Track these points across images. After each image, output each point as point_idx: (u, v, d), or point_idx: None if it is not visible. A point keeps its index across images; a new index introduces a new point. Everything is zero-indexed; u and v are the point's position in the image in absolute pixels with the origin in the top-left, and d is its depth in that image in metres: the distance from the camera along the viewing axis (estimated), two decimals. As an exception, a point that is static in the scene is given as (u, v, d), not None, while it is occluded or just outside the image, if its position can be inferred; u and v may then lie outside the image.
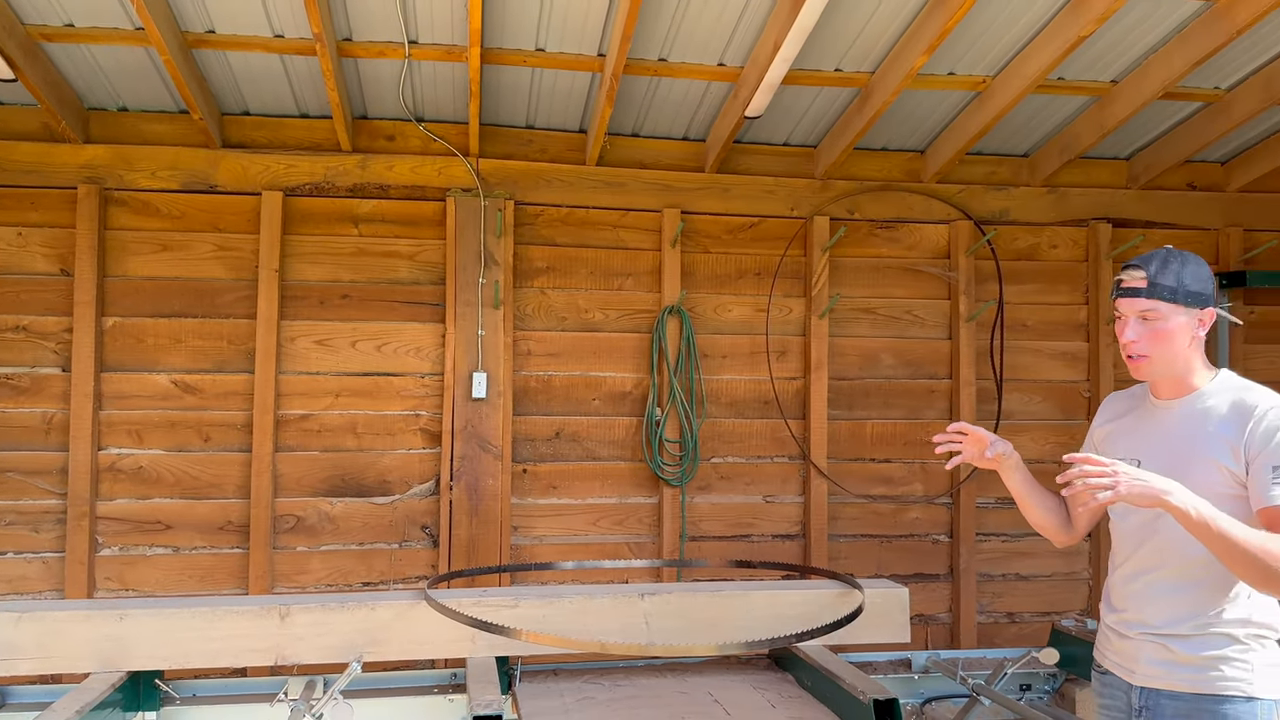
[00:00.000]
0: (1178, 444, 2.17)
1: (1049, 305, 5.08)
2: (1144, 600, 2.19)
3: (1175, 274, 2.14)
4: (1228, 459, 2.08)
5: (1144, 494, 1.94)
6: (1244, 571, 1.95)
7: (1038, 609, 5.01)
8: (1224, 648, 2.09)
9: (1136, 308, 2.16)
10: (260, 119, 4.51)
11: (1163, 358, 2.18)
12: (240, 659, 3.10)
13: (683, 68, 4.13)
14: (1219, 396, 2.17)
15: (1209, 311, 2.17)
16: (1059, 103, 4.50)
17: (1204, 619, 2.11)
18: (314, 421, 4.50)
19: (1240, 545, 1.92)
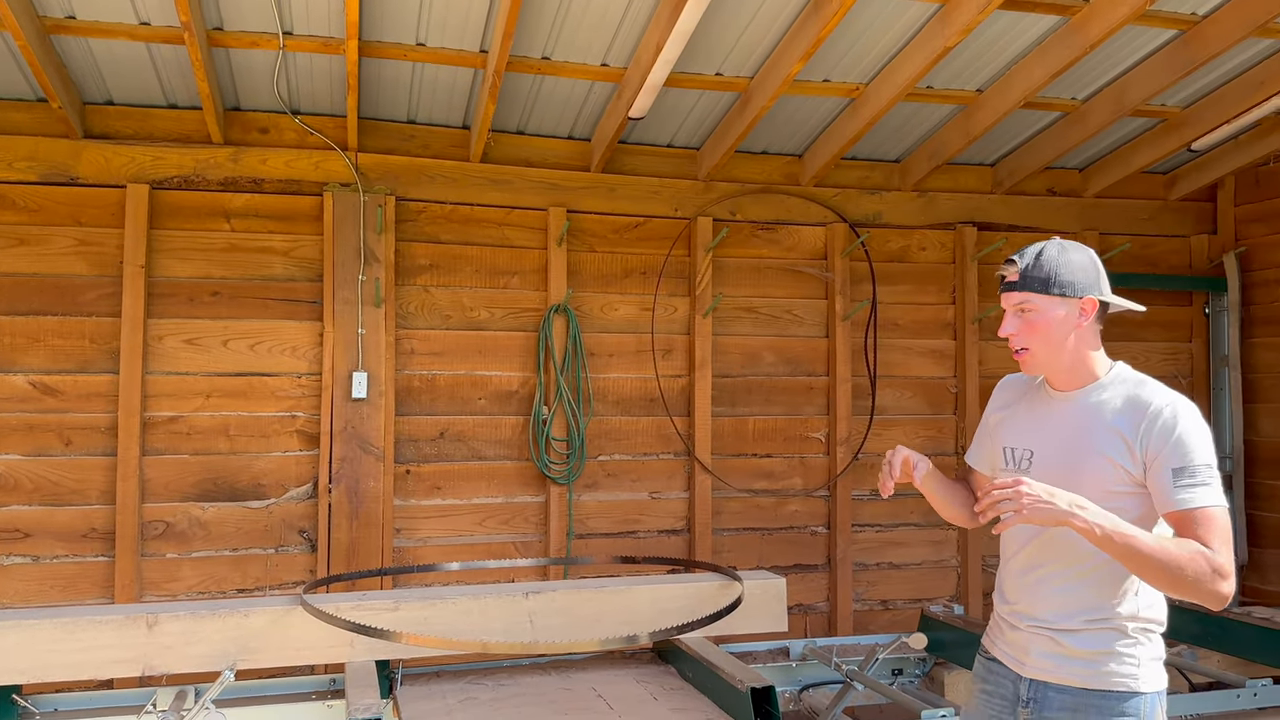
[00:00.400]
0: (1071, 438, 2.13)
1: (919, 305, 5.29)
2: (1036, 594, 2.17)
3: (1049, 265, 2.10)
4: (1122, 456, 2.05)
5: (1049, 515, 1.93)
6: (1153, 579, 1.96)
7: (910, 595, 5.21)
8: (1113, 643, 2.08)
9: (1012, 301, 2.14)
10: (125, 109, 4.32)
11: (1045, 350, 2.13)
12: (104, 670, 2.98)
13: (566, 67, 4.14)
14: (1113, 390, 2.13)
15: (1089, 300, 2.11)
16: (928, 110, 4.68)
17: (1094, 614, 2.09)
18: (184, 424, 4.34)
19: (1146, 555, 1.91)
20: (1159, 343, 5.62)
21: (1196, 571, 1.90)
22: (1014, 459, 2.23)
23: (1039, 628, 2.15)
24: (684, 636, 3.25)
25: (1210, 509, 1.96)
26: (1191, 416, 2.03)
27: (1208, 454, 2.00)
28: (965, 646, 3.81)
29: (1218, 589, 1.92)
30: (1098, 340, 2.17)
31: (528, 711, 3.08)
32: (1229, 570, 1.93)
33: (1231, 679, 3.54)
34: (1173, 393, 2.09)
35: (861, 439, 5.12)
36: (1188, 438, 2.00)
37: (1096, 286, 2.13)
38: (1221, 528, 1.95)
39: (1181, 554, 1.91)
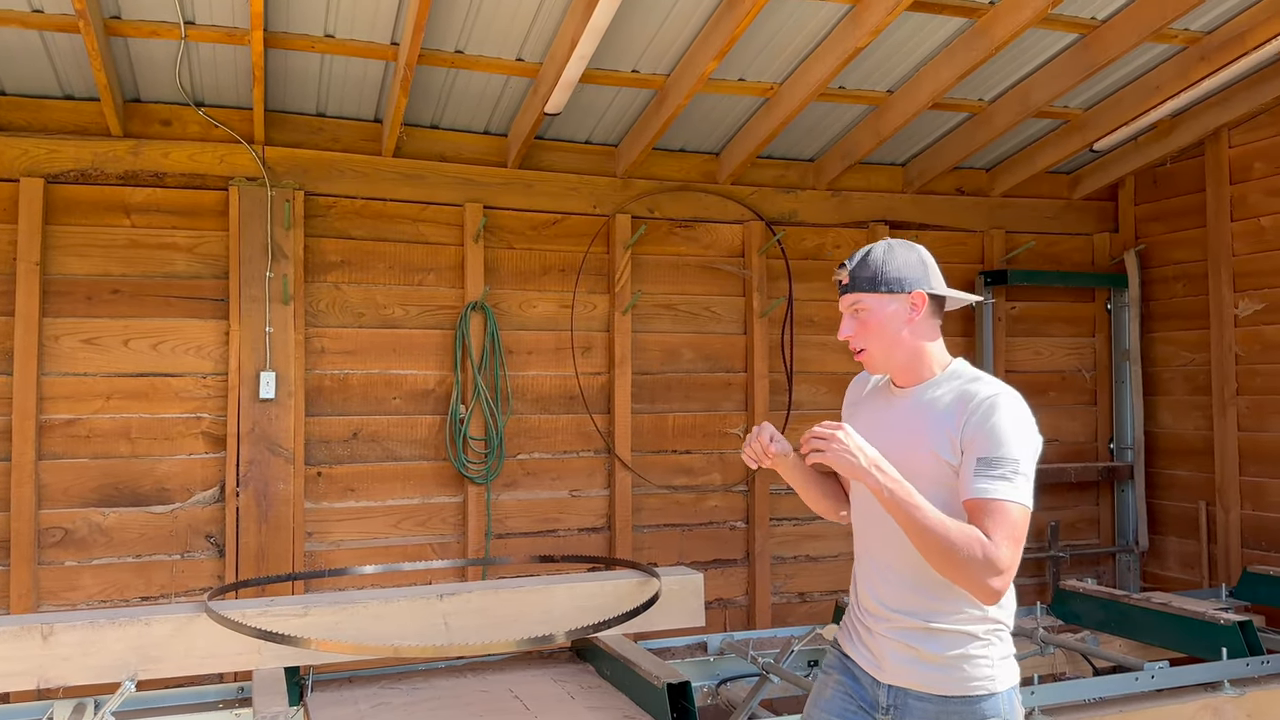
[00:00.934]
0: (902, 433, 2.12)
1: (833, 302, 5.32)
2: (889, 597, 2.15)
3: (875, 264, 2.12)
4: (945, 451, 2.04)
5: (846, 464, 1.93)
6: (930, 556, 1.93)
7: (826, 588, 5.29)
8: (966, 646, 2.07)
9: (846, 303, 2.16)
10: (18, 99, 4.14)
11: (881, 348, 2.14)
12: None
13: (480, 61, 4.09)
14: (947, 386, 2.13)
15: (917, 295, 2.11)
16: (840, 110, 4.75)
17: (946, 617, 2.07)
18: (82, 426, 4.18)
19: (924, 526, 1.90)
20: (1063, 338, 5.80)
21: (968, 556, 1.88)
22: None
23: (894, 631, 2.13)
24: (602, 634, 3.23)
25: (1004, 502, 1.93)
26: (1010, 409, 2.01)
27: (1019, 449, 1.97)
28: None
29: (985, 580, 1.90)
30: (935, 334, 2.18)
31: (443, 715, 3.03)
32: (1004, 566, 1.90)
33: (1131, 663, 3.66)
34: (1001, 386, 2.08)
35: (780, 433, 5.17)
36: (1000, 429, 1.98)
37: (925, 281, 2.14)
38: (1010, 523, 1.92)
39: (959, 535, 1.89)
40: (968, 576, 1.91)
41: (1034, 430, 2.04)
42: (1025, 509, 1.96)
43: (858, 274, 2.13)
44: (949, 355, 2.20)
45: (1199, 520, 5.40)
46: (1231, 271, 5.22)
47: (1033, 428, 2.04)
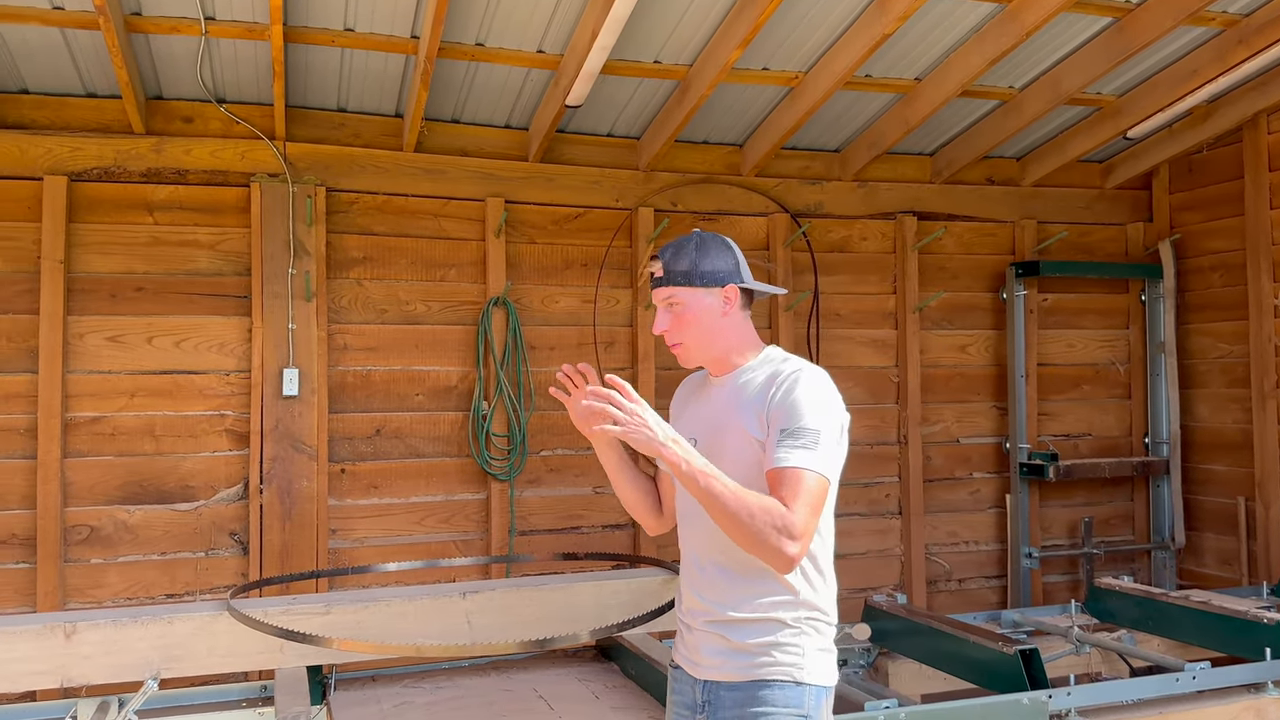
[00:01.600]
0: (718, 418, 2.14)
1: (860, 295, 5.29)
2: (706, 589, 2.12)
3: (690, 258, 2.13)
4: (754, 428, 2.05)
5: (644, 441, 1.90)
6: (727, 527, 1.91)
7: (855, 585, 5.21)
8: (776, 633, 2.03)
9: (660, 296, 2.17)
10: (41, 98, 4.14)
11: (697, 341, 2.16)
12: (19, 683, 2.84)
13: (501, 53, 4.05)
14: (759, 370, 2.14)
15: (730, 288, 2.13)
16: (867, 99, 4.67)
17: (757, 604, 2.04)
18: (107, 424, 4.18)
19: (720, 497, 1.88)
20: (1097, 330, 5.69)
21: (764, 523, 1.87)
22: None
23: (709, 624, 2.11)
24: (627, 633, 3.18)
25: (801, 470, 1.93)
26: (811, 382, 2.04)
27: (819, 420, 1.98)
28: (909, 636, 3.81)
29: (781, 546, 1.88)
30: (748, 325, 2.21)
31: (466, 714, 3.00)
32: (798, 531, 1.89)
33: (1170, 663, 3.57)
34: (805, 363, 2.12)
35: (806, 430, 5.10)
36: (800, 401, 2.00)
37: (737, 274, 2.16)
38: (807, 490, 1.92)
39: (754, 503, 1.89)
40: (763, 542, 1.88)
41: (837, 404, 2.06)
42: (823, 479, 1.96)
43: (672, 268, 2.14)
44: (762, 343, 2.23)
45: (1238, 516, 5.27)
46: (1271, 261, 5.08)
47: (835, 401, 2.06)
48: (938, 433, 5.38)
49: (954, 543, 5.42)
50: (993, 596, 5.49)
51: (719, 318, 2.14)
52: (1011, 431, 5.40)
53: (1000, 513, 5.50)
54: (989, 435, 5.49)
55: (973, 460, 5.46)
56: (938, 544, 5.37)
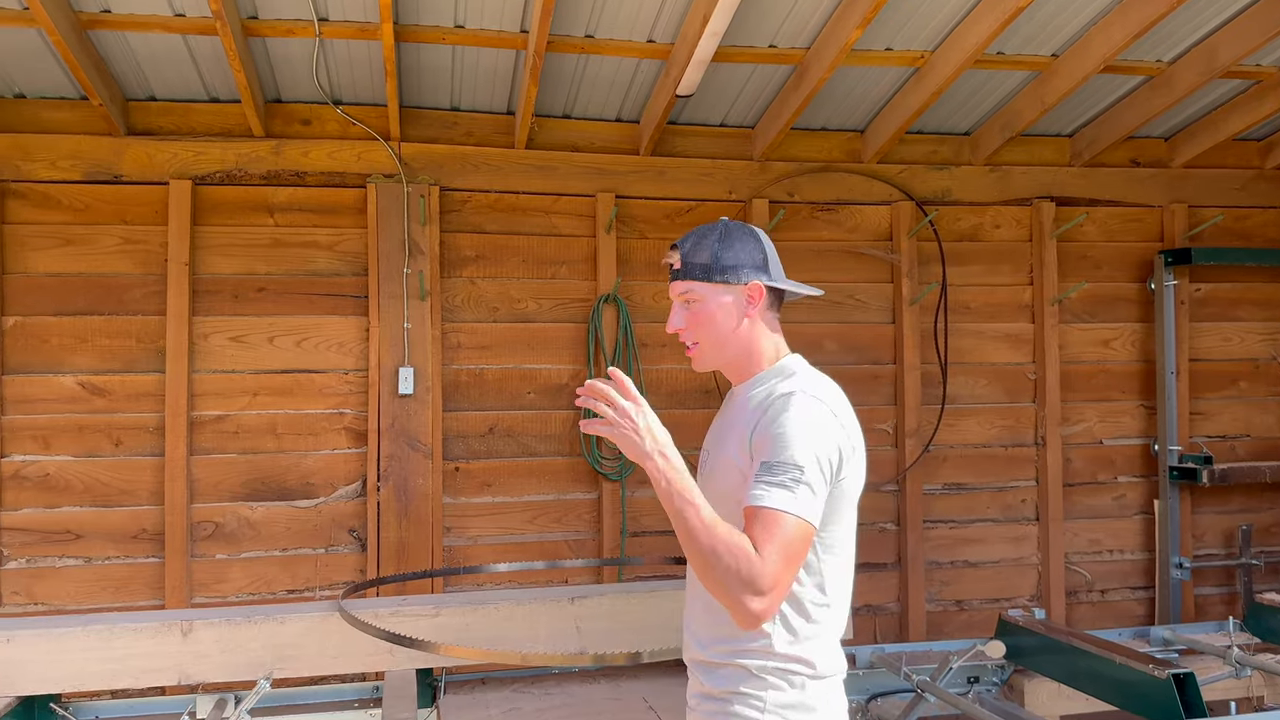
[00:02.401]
0: (720, 435, 1.93)
1: (993, 286, 4.98)
2: (692, 620, 1.92)
3: (711, 250, 1.88)
4: (737, 454, 1.81)
5: (629, 444, 1.68)
6: (694, 563, 1.67)
7: (987, 595, 4.93)
8: (739, 684, 1.78)
9: (676, 291, 1.92)
10: (167, 104, 4.27)
11: (713, 344, 1.91)
12: (140, 680, 2.91)
13: (611, 44, 3.95)
14: (765, 385, 1.88)
15: (754, 286, 1.88)
16: (999, 78, 4.38)
17: (729, 646, 1.80)
18: (231, 422, 4.28)
19: (690, 527, 1.63)
20: (1255, 322, 5.22)
21: (729, 568, 1.60)
22: (702, 460, 2.00)
23: (690, 664, 1.92)
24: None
25: (777, 512, 1.65)
26: (802, 409, 1.75)
27: (805, 454, 1.70)
28: (1047, 653, 3.54)
29: (743, 600, 1.61)
30: (771, 330, 1.94)
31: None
32: (766, 585, 1.61)
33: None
34: (806, 383, 1.83)
35: (932, 430, 4.85)
36: (786, 431, 1.72)
37: (764, 270, 1.91)
38: (782, 536, 1.64)
39: (723, 543, 1.61)
40: (726, 591, 1.62)
41: (826, 434, 1.75)
42: (803, 523, 1.67)
43: (691, 260, 1.89)
44: (784, 351, 1.96)
45: None
46: None
47: (825, 431, 1.75)
48: (1079, 433, 5.03)
49: (1096, 551, 5.06)
50: (1139, 610, 5.11)
51: (739, 319, 1.89)
52: (1161, 432, 5.01)
53: (1148, 519, 5.11)
54: (1135, 436, 5.11)
55: (1117, 463, 5.09)
56: (1078, 552, 5.03)
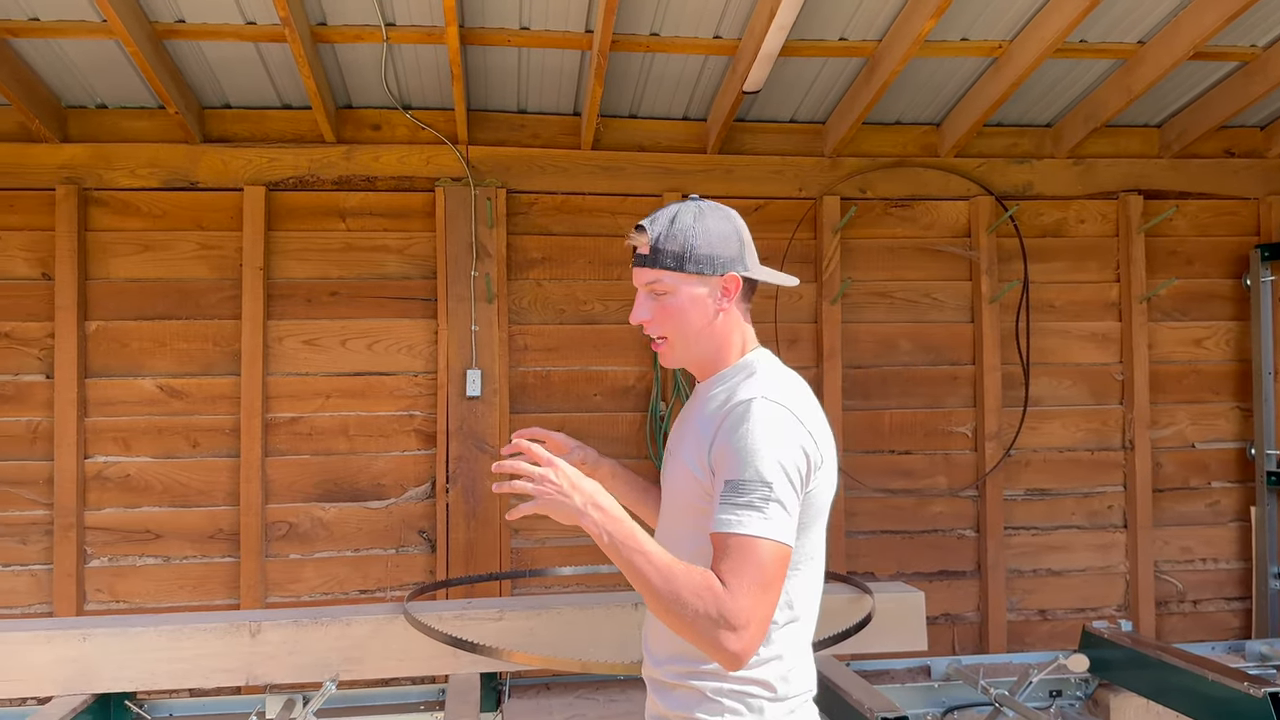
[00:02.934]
0: (678, 436, 1.79)
1: (1077, 284, 4.79)
2: (647, 632, 1.81)
3: (683, 236, 1.69)
4: (696, 466, 1.65)
5: (560, 508, 1.53)
6: (660, 615, 1.53)
7: (1072, 605, 4.74)
8: (695, 708, 1.65)
9: (644, 280, 1.74)
10: (241, 111, 4.35)
11: (683, 339, 1.74)
12: (209, 679, 2.95)
13: (676, 42, 3.89)
14: (723, 386, 1.73)
15: (730, 277, 1.71)
16: (1082, 67, 4.21)
17: (685, 666, 1.67)
18: (304, 424, 4.34)
19: (646, 576, 1.50)
20: (1365, 320, 4.92)
21: (696, 611, 1.47)
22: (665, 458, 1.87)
23: (648, 681, 1.79)
24: (808, 654, 2.96)
25: (747, 538, 1.51)
26: (763, 417, 1.58)
27: (771, 468, 1.54)
28: (1135, 668, 3.37)
29: (720, 640, 1.48)
30: (742, 324, 1.77)
31: (637, 733, 2.87)
32: (740, 621, 1.48)
33: None
34: (769, 385, 1.66)
35: (1014, 433, 4.68)
36: (748, 445, 1.56)
37: (740, 260, 1.73)
38: (755, 565, 1.50)
39: (686, 584, 1.49)
40: (699, 635, 1.49)
41: (791, 442, 1.59)
42: (778, 546, 1.53)
43: (662, 246, 1.70)
44: (751, 345, 1.79)
45: None
46: None
47: (789, 439, 1.58)
48: (1169, 437, 4.80)
49: (1188, 560, 4.83)
50: (1234, 622, 4.86)
51: (713, 313, 1.72)
52: (1258, 436, 4.75)
53: (1243, 527, 4.86)
54: (1230, 440, 4.86)
55: (1211, 468, 4.85)
56: (1169, 561, 4.81)
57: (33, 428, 4.19)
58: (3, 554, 4.16)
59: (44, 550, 4.17)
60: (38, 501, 4.17)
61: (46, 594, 4.16)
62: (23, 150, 4.19)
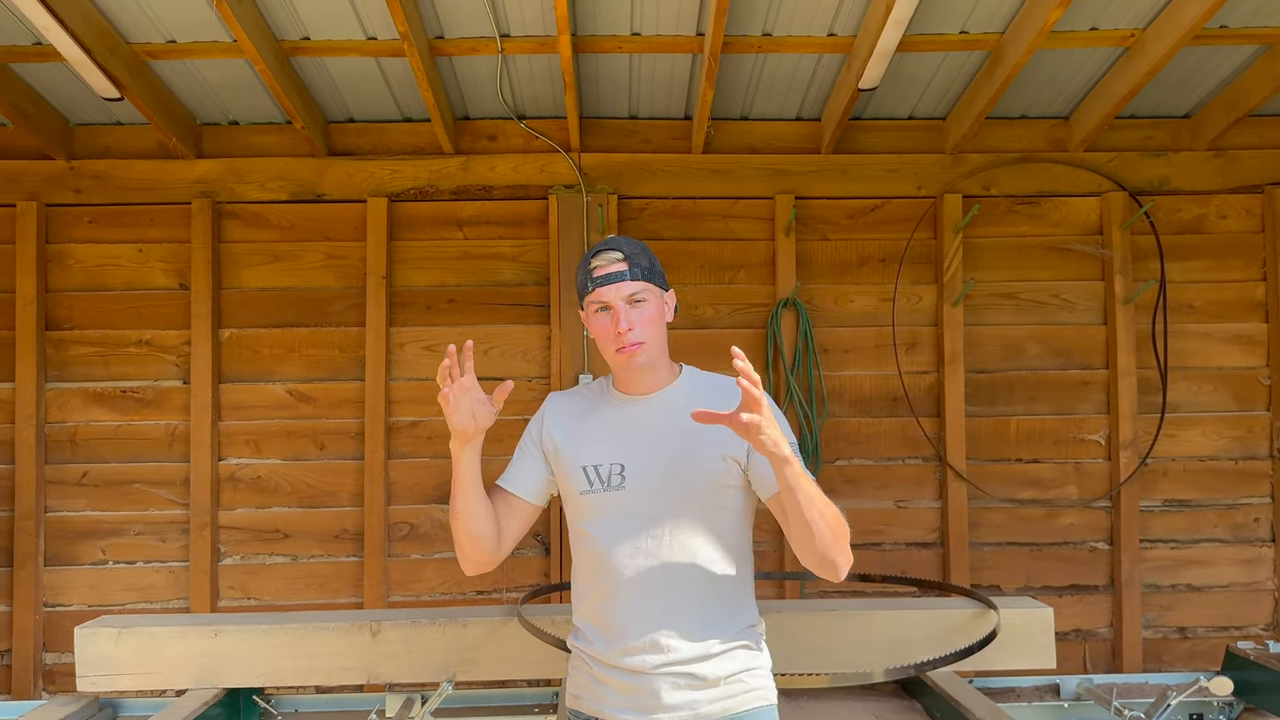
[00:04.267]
0: (670, 442, 1.96)
1: (1219, 283, 4.51)
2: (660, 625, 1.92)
3: (647, 257, 2.00)
4: (734, 448, 1.92)
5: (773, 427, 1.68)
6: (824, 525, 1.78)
7: (1214, 623, 4.46)
8: (744, 658, 1.96)
9: (625, 292, 1.95)
10: (364, 125, 4.48)
11: (656, 343, 1.99)
12: (332, 677, 3.03)
13: (789, 41, 3.83)
14: (694, 385, 2.05)
15: (671, 294, 2.06)
16: (1222, 54, 3.96)
17: (726, 631, 1.95)
18: (424, 428, 4.44)
19: (820, 500, 1.79)
20: None
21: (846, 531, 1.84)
22: (600, 476, 1.98)
23: (671, 666, 1.91)
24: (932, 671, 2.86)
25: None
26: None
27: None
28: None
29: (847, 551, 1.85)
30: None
31: (750, 744, 2.82)
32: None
33: None
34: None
35: (1151, 441, 4.43)
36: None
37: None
38: None
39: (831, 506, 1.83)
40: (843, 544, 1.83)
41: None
42: None
43: (637, 263, 1.98)
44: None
45: None
46: None
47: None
48: (1322, 446, 4.48)
49: (1346, 578, 4.49)
50: (1399, 646, 4.49)
51: (664, 322, 2.03)
52: None
53: None
54: (1395, 449, 4.50)
55: (1372, 479, 4.50)
56: (1329, 579, 4.48)
57: (171, 431, 4.41)
58: (144, 551, 4.39)
59: (181, 548, 4.38)
60: (175, 501, 4.39)
61: (183, 589, 4.37)
62: (161, 166, 4.42)
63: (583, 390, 2.19)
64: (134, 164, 4.41)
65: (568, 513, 2.09)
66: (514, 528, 2.09)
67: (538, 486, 2.11)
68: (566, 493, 2.07)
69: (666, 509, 1.94)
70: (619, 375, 2.07)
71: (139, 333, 4.42)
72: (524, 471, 2.12)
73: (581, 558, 2.06)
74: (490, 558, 2.06)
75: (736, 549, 1.99)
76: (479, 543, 2.02)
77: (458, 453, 1.97)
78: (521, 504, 2.10)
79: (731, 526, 1.97)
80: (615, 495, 1.96)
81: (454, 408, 1.93)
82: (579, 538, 2.05)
